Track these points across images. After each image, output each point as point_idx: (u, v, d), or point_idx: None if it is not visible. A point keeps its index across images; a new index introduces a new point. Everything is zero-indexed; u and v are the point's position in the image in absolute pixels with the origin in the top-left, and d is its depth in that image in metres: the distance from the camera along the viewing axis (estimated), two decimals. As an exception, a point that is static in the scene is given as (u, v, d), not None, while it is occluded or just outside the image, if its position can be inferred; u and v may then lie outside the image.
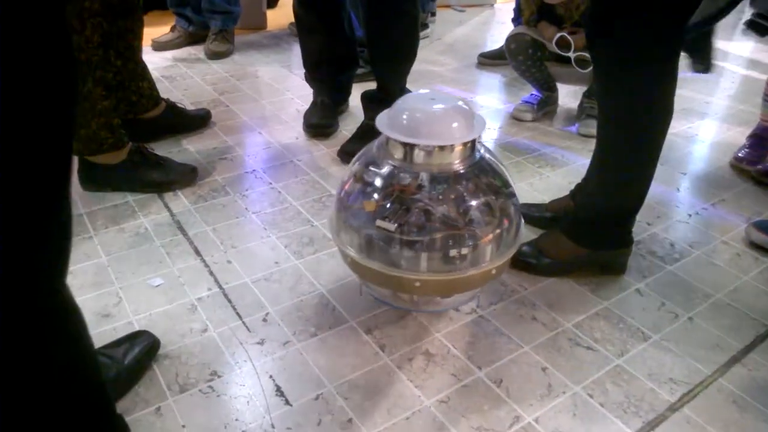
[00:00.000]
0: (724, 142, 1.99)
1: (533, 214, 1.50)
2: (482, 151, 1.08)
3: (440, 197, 1.03)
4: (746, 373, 1.11)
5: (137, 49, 1.71)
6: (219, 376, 1.06)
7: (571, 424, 0.99)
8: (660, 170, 1.24)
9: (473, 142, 1.04)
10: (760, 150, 1.78)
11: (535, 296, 1.27)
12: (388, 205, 1.03)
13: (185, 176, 1.64)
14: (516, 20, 2.19)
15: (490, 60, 2.65)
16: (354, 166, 1.10)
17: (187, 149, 1.85)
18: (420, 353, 1.12)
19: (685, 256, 1.42)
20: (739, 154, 1.82)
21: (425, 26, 3.00)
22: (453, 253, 1.01)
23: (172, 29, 2.73)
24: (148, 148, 1.65)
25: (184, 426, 0.97)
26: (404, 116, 1.01)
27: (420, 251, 1.01)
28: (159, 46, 2.66)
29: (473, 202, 1.04)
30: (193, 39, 2.72)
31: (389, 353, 1.12)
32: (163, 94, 1.92)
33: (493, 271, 1.06)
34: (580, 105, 2.07)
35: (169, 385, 1.04)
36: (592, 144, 1.30)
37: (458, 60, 2.70)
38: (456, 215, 1.02)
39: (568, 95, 2.25)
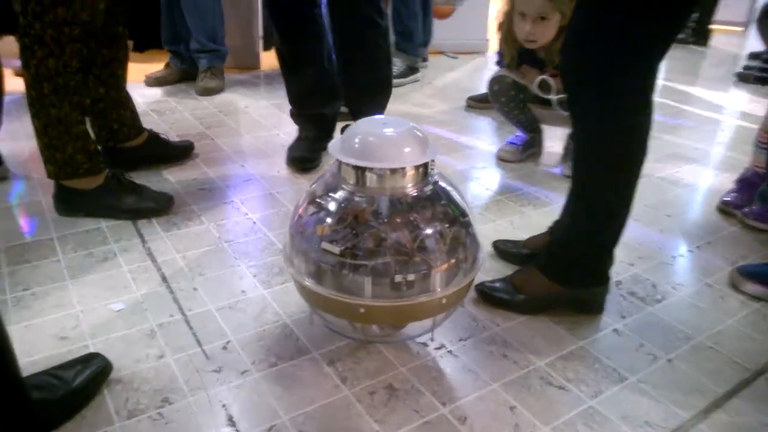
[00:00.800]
0: (712, 187, 1.97)
1: (510, 250, 1.48)
2: (437, 177, 1.06)
3: (393, 222, 1.00)
4: (727, 419, 1.05)
5: (121, 78, 1.72)
6: (170, 404, 1.01)
7: (536, 466, 0.94)
8: (645, 212, 1.22)
9: (426, 166, 1.03)
10: (747, 194, 1.76)
11: (507, 333, 1.23)
12: (340, 230, 1.00)
13: (161, 204, 1.62)
14: (499, 63, 2.21)
15: (478, 103, 2.67)
16: (309, 189, 1.08)
17: (167, 179, 1.84)
18: (382, 387, 1.07)
19: (667, 298, 1.38)
20: (727, 198, 1.80)
21: (415, 70, 3.04)
22: (399, 279, 0.98)
23: (166, 66, 2.77)
24: (126, 176, 1.63)
25: (126, 455, 0.92)
26: (356, 140, 1.00)
27: (365, 275, 0.98)
28: (152, 81, 2.69)
29: (426, 229, 1.02)
30: (185, 76, 2.75)
31: (350, 386, 1.07)
32: (150, 126, 1.93)
33: (444, 300, 1.02)
34: (566, 147, 2.07)
35: (118, 410, 1.00)
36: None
37: (447, 103, 2.73)
38: (406, 241, 0.99)
39: (554, 137, 2.25)
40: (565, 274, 1.26)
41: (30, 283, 1.31)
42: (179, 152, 1.96)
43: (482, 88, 2.86)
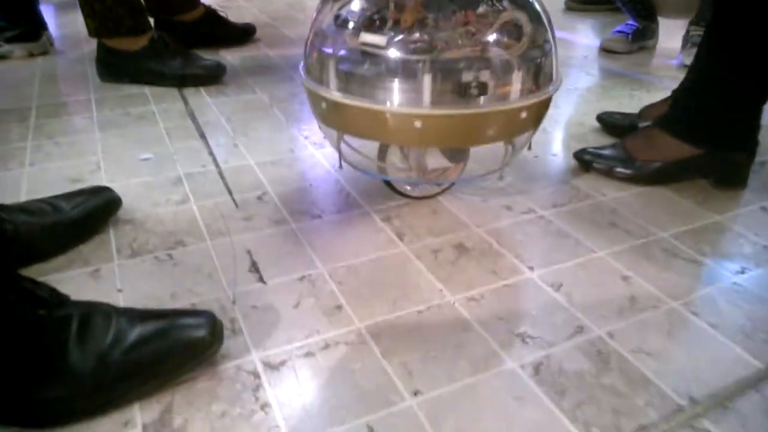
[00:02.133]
0: None
1: (620, 123, 1.18)
2: None
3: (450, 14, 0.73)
4: None
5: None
6: (184, 246, 0.82)
7: (664, 344, 0.67)
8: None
9: None
10: None
11: (617, 203, 0.95)
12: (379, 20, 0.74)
13: (211, 71, 1.43)
14: None
15: (579, 5, 2.32)
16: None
17: (223, 56, 1.65)
18: (451, 246, 0.83)
19: (830, 184, 1.04)
20: None
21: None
22: (469, 78, 0.71)
23: None
24: (174, 40, 1.45)
25: (120, 290, 0.73)
26: None
27: (422, 73, 0.70)
28: None
29: (496, 19, 0.74)
30: None
31: (409, 242, 0.84)
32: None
33: (524, 114, 0.75)
34: (686, 35, 1.70)
35: (120, 248, 0.81)
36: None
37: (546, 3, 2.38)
38: (474, 27, 0.72)
39: (670, 32, 1.88)
40: (701, 131, 0.96)
41: (55, 134, 1.16)
42: (239, 33, 1.77)
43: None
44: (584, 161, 1.04)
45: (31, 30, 1.63)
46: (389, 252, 0.81)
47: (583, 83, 1.51)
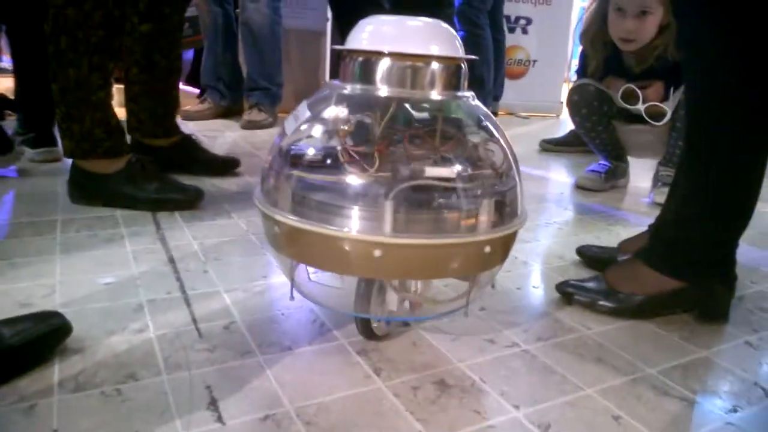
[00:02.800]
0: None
1: (600, 256, 1.17)
2: (470, 98, 0.78)
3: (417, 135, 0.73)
4: None
5: (161, 66, 1.58)
6: (136, 380, 0.74)
7: (665, 496, 0.60)
8: (761, 238, 0.92)
9: (459, 68, 0.75)
10: None
11: (602, 337, 0.91)
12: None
13: (189, 196, 1.41)
14: (579, 72, 1.97)
15: (553, 146, 2.42)
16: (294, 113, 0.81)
17: (202, 182, 1.65)
18: (431, 382, 0.77)
19: (812, 319, 1.02)
20: None
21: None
22: (438, 210, 0.70)
23: (202, 101, 2.68)
24: (151, 164, 1.45)
25: (55, 430, 0.64)
26: (367, 28, 0.74)
27: (383, 199, 0.68)
28: (189, 115, 2.58)
29: (468, 150, 0.75)
30: (224, 113, 2.67)
31: (386, 378, 0.77)
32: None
33: (487, 249, 0.72)
34: (656, 174, 1.76)
35: (63, 381, 0.73)
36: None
37: (519, 146, 2.47)
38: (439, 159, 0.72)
39: (641, 170, 1.95)
40: (679, 263, 0.95)
41: (12, 255, 1.10)
42: (218, 163, 1.76)
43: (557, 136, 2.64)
44: (567, 294, 1.01)
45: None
46: (365, 389, 0.75)
47: (561, 218, 1.53)
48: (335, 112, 0.76)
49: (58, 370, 0.75)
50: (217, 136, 2.32)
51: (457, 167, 0.72)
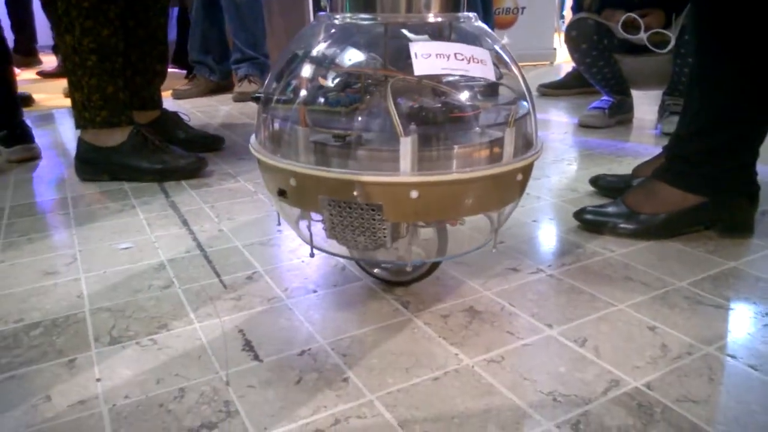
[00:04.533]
0: None
1: (616, 185, 1.16)
2: (473, 19, 0.72)
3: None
4: None
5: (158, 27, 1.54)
6: (168, 330, 0.74)
7: (708, 390, 0.60)
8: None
9: None
10: None
11: (626, 258, 0.91)
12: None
13: (192, 165, 1.40)
14: (575, 8, 1.94)
15: (552, 90, 2.40)
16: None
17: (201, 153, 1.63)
18: (460, 310, 0.77)
19: (835, 228, 1.02)
20: None
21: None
22: (465, 140, 0.65)
23: (192, 78, 2.65)
24: (153, 135, 1.43)
25: (99, 380, 0.65)
26: None
27: (410, 137, 0.60)
28: (179, 94, 2.56)
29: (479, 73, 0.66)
30: (215, 88, 2.63)
31: (415, 310, 0.77)
32: (200, 122, 1.74)
33: (519, 176, 0.68)
34: (662, 105, 1.74)
35: (98, 336, 0.73)
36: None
37: (516, 92, 2.46)
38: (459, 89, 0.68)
39: (645, 103, 1.93)
40: (699, 179, 0.94)
41: (28, 231, 1.10)
42: (201, 143, 1.62)
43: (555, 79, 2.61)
44: (585, 220, 1.01)
45: None
46: (395, 320, 0.75)
47: (569, 155, 1.52)
48: (332, 48, 0.70)
49: (90, 327, 0.75)
50: (210, 110, 2.30)
51: (476, 94, 0.69)
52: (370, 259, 0.82)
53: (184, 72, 2.85)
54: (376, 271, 0.84)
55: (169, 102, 2.44)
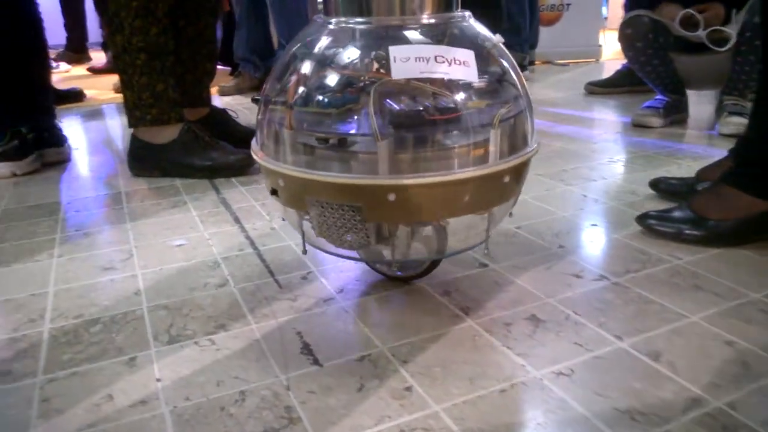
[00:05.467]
0: None
1: (678, 189, 1.11)
2: (466, 17, 0.71)
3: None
4: None
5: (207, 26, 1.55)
6: (226, 330, 0.74)
7: (797, 413, 0.56)
8: None
9: None
10: None
11: (694, 266, 0.87)
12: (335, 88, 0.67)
13: (242, 161, 1.40)
14: (627, 5, 1.87)
15: (600, 88, 2.33)
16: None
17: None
18: (523, 318, 0.74)
19: None
20: None
21: (523, 68, 2.76)
22: (447, 141, 0.64)
23: (237, 75, 2.66)
24: (203, 131, 1.44)
25: (159, 380, 0.64)
26: None
27: (389, 141, 0.61)
28: (224, 91, 2.57)
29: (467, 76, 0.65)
30: (258, 85, 2.63)
31: (475, 316, 0.75)
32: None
33: (506, 178, 0.66)
34: (719, 104, 1.67)
35: (157, 334, 0.73)
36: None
37: (563, 92, 2.41)
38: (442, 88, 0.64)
39: (701, 103, 1.86)
40: (775, 183, 0.89)
41: (84, 226, 1.11)
42: (248, 135, 1.68)
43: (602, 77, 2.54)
44: (648, 225, 0.97)
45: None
46: (455, 327, 0.73)
47: (624, 156, 1.47)
48: (325, 52, 0.68)
49: (149, 325, 0.75)
50: (255, 107, 2.30)
51: (461, 95, 0.65)
52: (363, 259, 0.82)
53: (229, 69, 2.88)
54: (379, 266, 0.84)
55: (215, 99, 2.46)
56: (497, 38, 0.70)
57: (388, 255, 0.75)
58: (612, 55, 3.36)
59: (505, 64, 0.70)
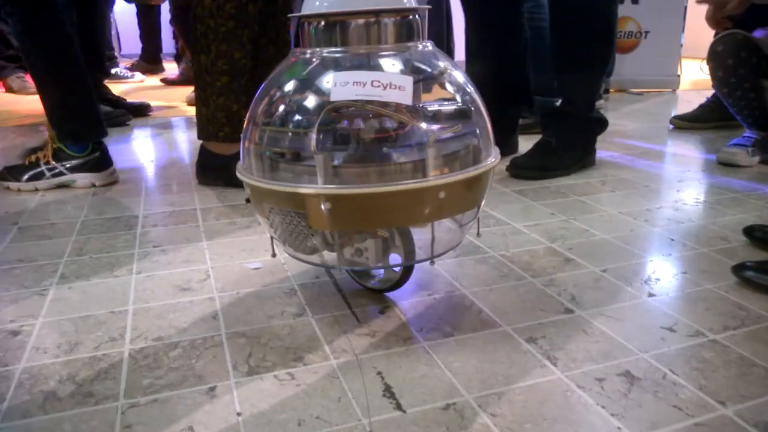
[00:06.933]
0: None
1: (776, 237, 1.04)
2: (427, 45, 0.78)
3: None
4: None
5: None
6: (305, 364, 0.72)
7: None
8: None
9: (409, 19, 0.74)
10: None
11: (802, 327, 0.80)
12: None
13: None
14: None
15: (686, 122, 2.23)
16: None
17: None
18: (616, 374, 0.70)
19: None
20: None
21: (597, 96, 2.69)
22: (386, 158, 0.71)
23: None
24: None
25: (239, 414, 0.63)
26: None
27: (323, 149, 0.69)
28: None
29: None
30: None
31: (565, 368, 0.71)
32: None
33: (441, 194, 0.70)
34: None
35: (236, 364, 0.72)
36: None
37: (639, 122, 2.33)
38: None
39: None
40: None
41: (162, 241, 1.13)
42: None
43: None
44: (746, 278, 0.91)
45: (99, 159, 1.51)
46: (544, 379, 0.69)
47: (711, 197, 1.40)
48: (295, 79, 0.77)
49: (228, 354, 0.74)
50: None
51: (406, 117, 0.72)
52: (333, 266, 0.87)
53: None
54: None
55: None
56: (444, 65, 0.77)
57: (338, 261, 0.81)
58: (687, 85, 3.25)
59: (466, 84, 0.78)
